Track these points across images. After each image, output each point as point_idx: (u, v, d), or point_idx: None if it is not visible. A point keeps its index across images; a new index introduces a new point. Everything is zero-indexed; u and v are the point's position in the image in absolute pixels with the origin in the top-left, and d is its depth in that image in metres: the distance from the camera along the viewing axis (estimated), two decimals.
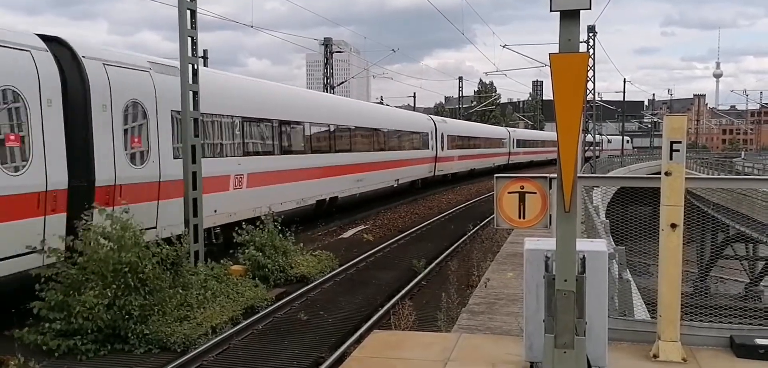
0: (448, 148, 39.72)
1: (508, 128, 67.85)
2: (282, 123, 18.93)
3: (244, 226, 13.99)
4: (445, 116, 60.10)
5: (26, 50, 10.11)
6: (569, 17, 4.49)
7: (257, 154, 17.29)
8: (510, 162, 60.70)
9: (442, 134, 38.57)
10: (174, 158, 13.26)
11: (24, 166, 9.86)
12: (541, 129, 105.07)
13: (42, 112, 10.19)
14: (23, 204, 9.81)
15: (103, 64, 11.70)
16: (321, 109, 23.08)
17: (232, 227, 14.27)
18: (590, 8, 4.39)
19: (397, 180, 29.89)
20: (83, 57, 11.27)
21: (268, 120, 18.07)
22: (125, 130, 12.06)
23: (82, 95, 11.14)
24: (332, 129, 23.15)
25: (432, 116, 41.04)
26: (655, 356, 5.98)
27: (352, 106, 29.24)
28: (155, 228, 12.39)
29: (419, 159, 33.99)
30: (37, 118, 10.08)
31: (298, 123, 20.24)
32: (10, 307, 9.80)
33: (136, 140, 12.42)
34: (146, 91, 12.67)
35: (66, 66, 10.93)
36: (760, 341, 6.07)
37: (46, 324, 9.20)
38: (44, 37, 10.85)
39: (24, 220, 9.81)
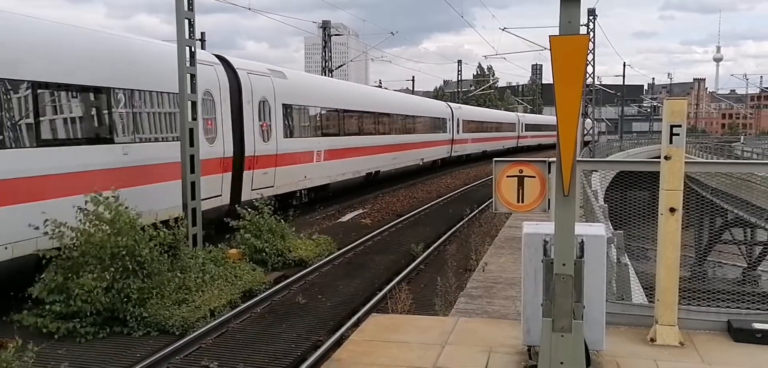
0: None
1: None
2: None
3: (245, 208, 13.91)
4: (449, 102, 44.79)
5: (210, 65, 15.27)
6: None
7: None
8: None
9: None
10: (284, 137, 18.58)
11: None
12: (540, 112, 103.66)
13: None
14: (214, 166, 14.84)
15: (247, 73, 16.96)
16: None
17: None
18: None
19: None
20: (238, 69, 16.57)
21: None
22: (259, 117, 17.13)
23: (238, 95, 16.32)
24: None
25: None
26: (653, 340, 6.01)
27: None
28: (273, 187, 17.64)
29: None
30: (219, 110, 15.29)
31: None
32: (8, 291, 9.81)
33: (264, 125, 17.55)
34: (269, 89, 17.97)
35: (230, 76, 16.11)
36: (757, 325, 6.09)
37: (46, 307, 9.21)
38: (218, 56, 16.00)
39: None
